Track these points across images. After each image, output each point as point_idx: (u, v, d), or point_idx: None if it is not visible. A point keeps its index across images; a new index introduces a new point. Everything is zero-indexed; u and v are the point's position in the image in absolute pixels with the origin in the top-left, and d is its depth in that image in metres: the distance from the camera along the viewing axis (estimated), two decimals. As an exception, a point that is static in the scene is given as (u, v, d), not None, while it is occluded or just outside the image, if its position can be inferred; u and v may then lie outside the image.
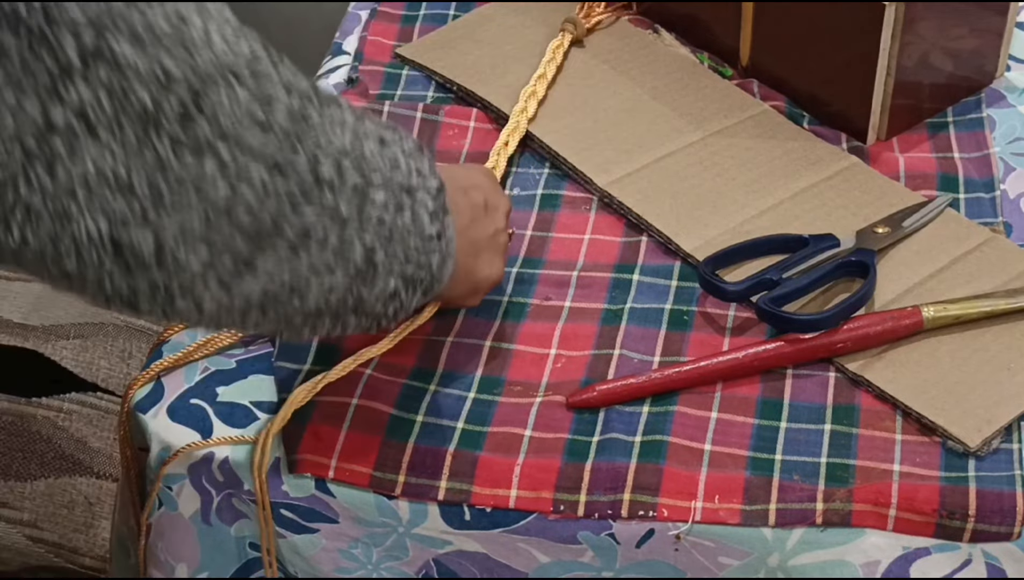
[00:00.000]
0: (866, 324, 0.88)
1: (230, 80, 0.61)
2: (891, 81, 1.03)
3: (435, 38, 1.19)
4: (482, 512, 0.83)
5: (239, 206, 0.62)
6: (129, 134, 0.58)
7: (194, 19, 0.61)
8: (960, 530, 0.79)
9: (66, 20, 0.56)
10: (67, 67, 0.56)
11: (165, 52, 0.59)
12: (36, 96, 0.56)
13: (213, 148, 0.61)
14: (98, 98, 0.57)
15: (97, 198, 0.58)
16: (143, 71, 0.58)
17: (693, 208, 1.00)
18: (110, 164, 0.58)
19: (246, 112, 0.62)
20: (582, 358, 0.90)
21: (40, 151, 0.57)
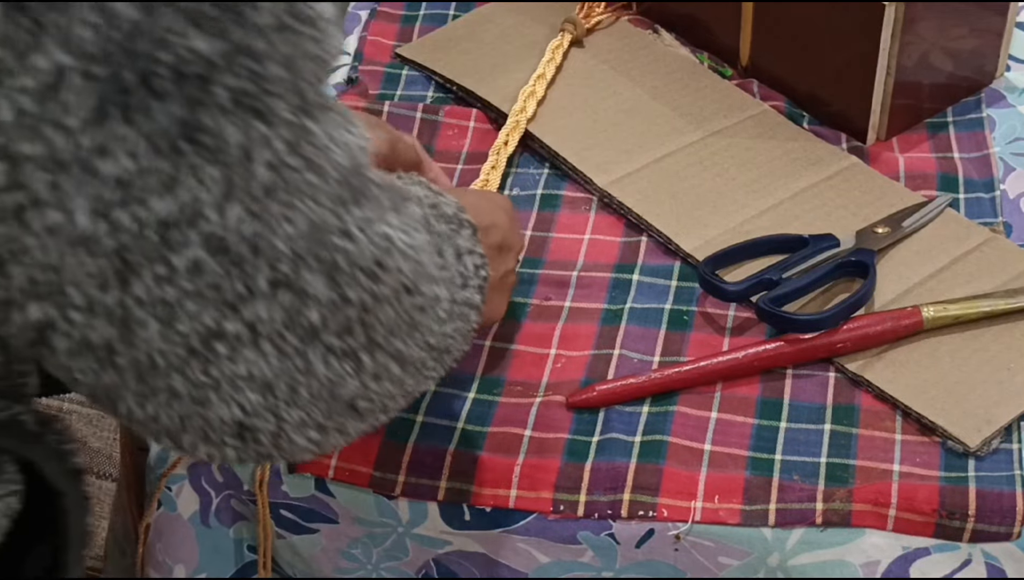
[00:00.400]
0: (866, 324, 0.88)
1: (400, 296, 0.62)
2: (891, 81, 1.03)
3: (435, 38, 1.19)
4: (482, 512, 0.83)
5: (361, 398, 0.64)
6: (289, 345, 0.59)
7: (400, 240, 0.62)
8: (960, 530, 0.79)
9: (268, 252, 0.56)
10: (253, 291, 0.57)
11: (354, 285, 0.60)
12: (216, 309, 0.57)
13: (357, 356, 0.62)
14: (272, 317, 0.58)
15: (239, 393, 0.59)
16: (324, 299, 0.59)
17: (693, 208, 1.00)
18: (261, 367, 0.59)
19: (403, 322, 0.63)
20: (582, 358, 0.90)
21: (203, 350, 0.57)
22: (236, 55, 0.54)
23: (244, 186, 0.55)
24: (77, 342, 0.57)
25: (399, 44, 1.19)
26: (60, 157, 0.52)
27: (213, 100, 0.53)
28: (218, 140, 0.54)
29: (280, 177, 0.56)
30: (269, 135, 0.55)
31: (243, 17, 0.54)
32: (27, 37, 0.51)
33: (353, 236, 0.59)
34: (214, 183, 0.54)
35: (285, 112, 0.56)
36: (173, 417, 0.60)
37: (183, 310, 0.56)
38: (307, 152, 0.57)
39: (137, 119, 0.52)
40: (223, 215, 0.55)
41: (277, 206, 0.56)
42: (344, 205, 0.59)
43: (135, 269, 0.55)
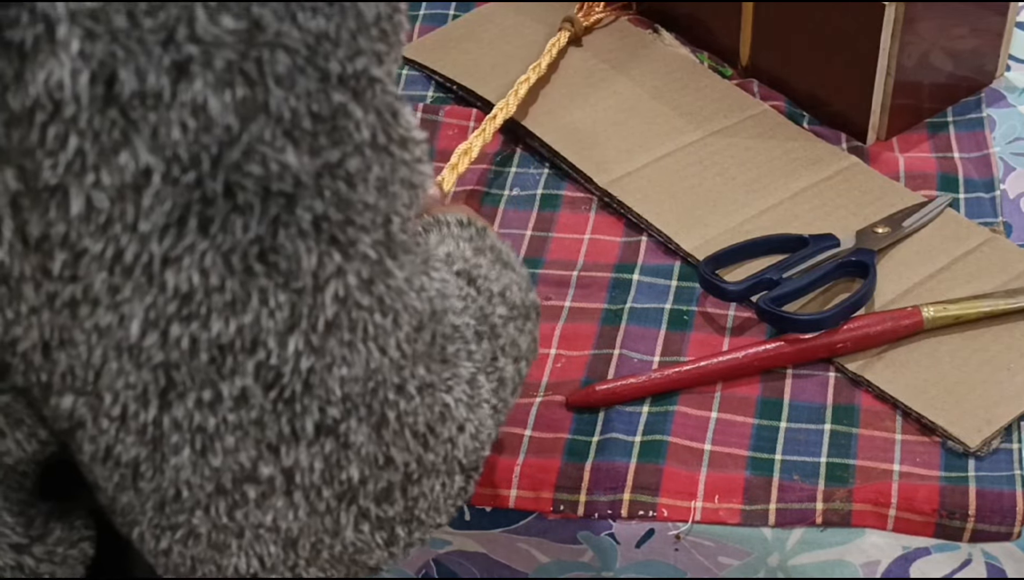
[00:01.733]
0: (866, 324, 0.88)
1: (452, 473, 0.60)
2: (891, 81, 1.03)
3: (435, 38, 1.19)
4: (482, 512, 0.83)
5: (384, 563, 0.61)
6: (323, 501, 0.56)
7: (459, 413, 0.59)
8: (960, 530, 0.79)
9: (320, 392, 0.54)
10: (299, 434, 0.54)
11: (401, 445, 0.57)
12: (255, 448, 0.54)
13: (392, 527, 0.59)
14: (312, 466, 0.55)
15: (260, 544, 0.56)
16: (366, 454, 0.56)
17: (693, 208, 1.00)
18: (288, 520, 0.56)
19: (449, 499, 0.61)
20: (582, 358, 0.90)
21: (232, 491, 0.55)
22: (326, 174, 0.51)
23: (309, 317, 0.52)
24: (103, 451, 0.54)
25: (399, 44, 1.19)
26: (125, 261, 0.49)
27: (295, 221, 0.50)
28: (292, 264, 0.51)
29: (347, 314, 0.53)
30: (344, 267, 0.52)
31: (340, 133, 0.51)
32: (117, 134, 0.48)
33: (409, 394, 0.56)
34: (279, 309, 0.51)
35: (366, 246, 0.53)
36: (186, 557, 0.57)
37: (221, 442, 0.53)
38: (380, 292, 0.54)
39: (215, 232, 0.49)
40: (283, 346, 0.52)
41: (337, 345, 0.53)
42: (411, 361, 0.56)
43: (179, 389, 0.52)
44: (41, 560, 0.60)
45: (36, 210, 0.49)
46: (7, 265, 0.50)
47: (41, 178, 0.48)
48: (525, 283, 0.73)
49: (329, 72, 0.50)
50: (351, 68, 0.50)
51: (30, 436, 0.57)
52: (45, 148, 0.47)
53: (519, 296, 0.71)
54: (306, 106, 0.49)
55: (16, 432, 0.57)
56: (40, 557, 0.60)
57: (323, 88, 0.50)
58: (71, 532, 0.61)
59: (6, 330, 0.52)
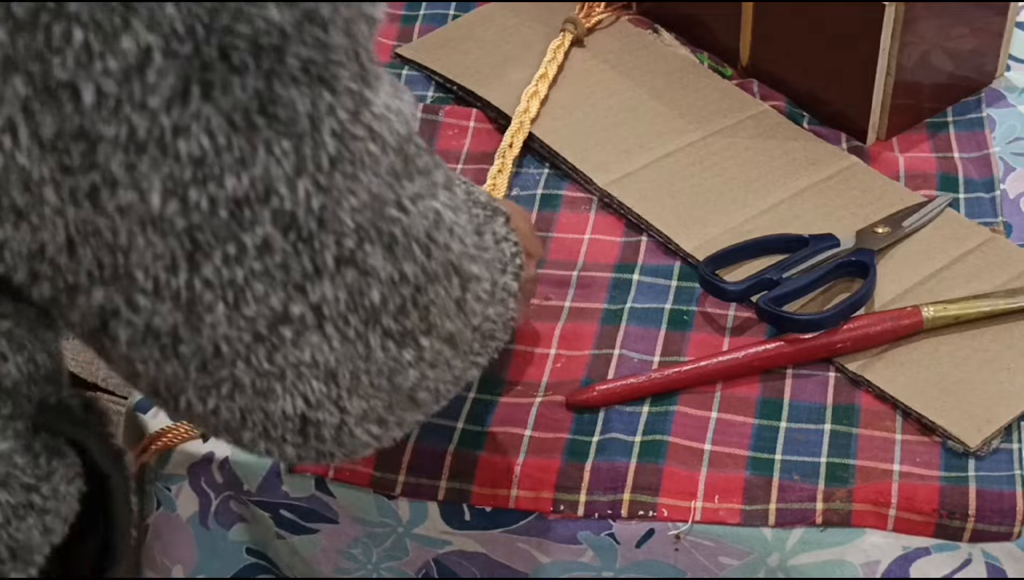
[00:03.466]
0: (866, 324, 0.88)
1: (449, 274, 0.63)
2: (891, 81, 1.03)
3: (435, 38, 1.19)
4: (482, 512, 0.83)
5: (421, 388, 0.64)
6: (351, 328, 0.59)
7: (447, 216, 0.62)
8: (960, 530, 0.79)
9: (334, 226, 0.57)
10: (321, 269, 0.57)
11: (409, 260, 0.60)
12: (284, 290, 0.57)
13: (416, 339, 0.62)
14: (337, 297, 0.58)
15: (303, 382, 0.59)
16: (384, 276, 0.59)
17: (693, 208, 1.00)
18: (325, 353, 0.59)
19: (452, 302, 0.64)
20: (582, 358, 0.90)
21: (269, 335, 0.58)
22: (305, 23, 0.54)
23: (313, 158, 0.55)
24: (141, 330, 0.57)
25: (399, 44, 1.19)
26: (139, 138, 0.52)
27: (286, 70, 0.54)
28: (290, 111, 0.54)
29: (345, 147, 0.56)
30: (334, 104, 0.55)
31: None
32: (118, 20, 0.51)
33: (407, 209, 0.59)
34: (285, 157, 0.54)
35: (347, 80, 0.56)
36: (234, 411, 0.60)
37: (251, 292, 0.56)
38: (368, 120, 0.57)
39: (216, 96, 0.52)
40: (293, 190, 0.55)
41: (342, 178, 0.56)
42: (398, 178, 0.59)
43: (205, 249, 0.55)
44: (47, 498, 0.62)
45: (49, 110, 0.51)
46: (27, 169, 0.52)
47: (52, 77, 0.51)
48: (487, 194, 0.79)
49: None
50: None
51: (29, 361, 0.61)
52: (52, 47, 0.50)
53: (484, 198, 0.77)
54: None
55: (17, 356, 0.60)
56: (47, 495, 0.62)
57: None
58: (68, 469, 0.64)
59: (34, 237, 0.55)
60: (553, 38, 1.15)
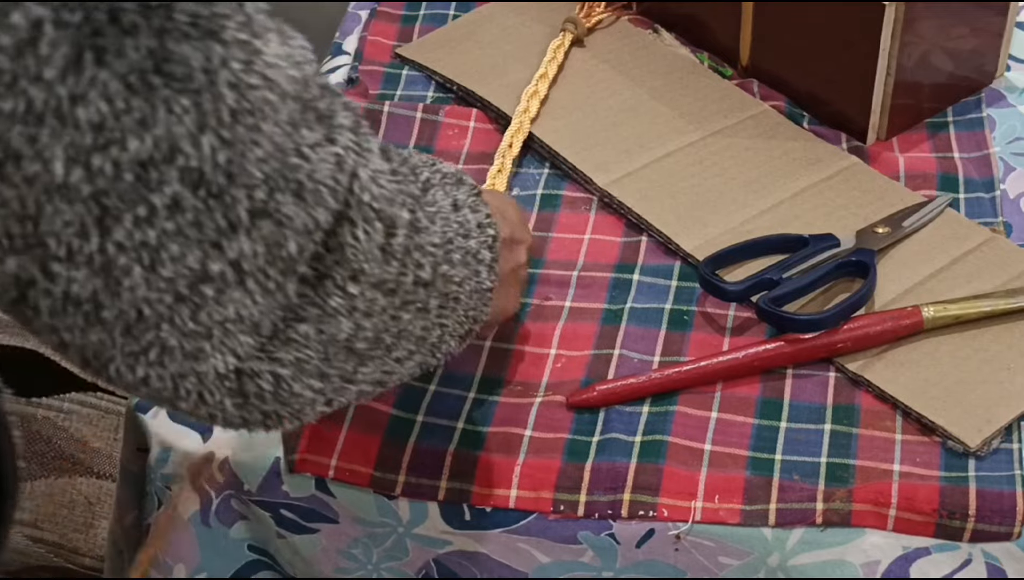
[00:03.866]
0: (866, 324, 0.88)
1: (369, 219, 0.63)
2: (891, 81, 1.03)
3: (435, 38, 1.19)
4: (482, 512, 0.83)
5: (357, 336, 0.64)
6: (271, 280, 0.59)
7: (350, 159, 0.62)
8: (960, 530, 0.79)
9: (244, 179, 0.57)
10: (236, 223, 0.57)
11: (319, 203, 0.60)
12: (199, 248, 0.57)
13: (340, 286, 0.62)
14: (255, 250, 0.58)
15: (231, 338, 0.59)
16: (299, 224, 0.59)
17: (693, 208, 1.00)
18: (249, 307, 0.59)
19: (375, 246, 0.63)
20: (582, 358, 0.90)
21: (190, 295, 0.57)
22: None
23: (214, 112, 0.55)
24: (60, 298, 0.56)
25: (399, 44, 1.19)
26: (36, 109, 0.52)
27: (176, 26, 0.53)
28: (185, 67, 0.54)
29: (244, 97, 0.56)
30: (226, 56, 0.55)
31: None
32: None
33: (307, 155, 0.59)
34: (186, 113, 0.54)
35: (235, 31, 0.56)
36: (165, 378, 0.60)
37: (167, 252, 0.56)
38: (261, 69, 0.57)
39: (110, 60, 0.52)
40: (198, 146, 0.55)
41: (244, 130, 0.56)
42: (296, 125, 0.59)
43: (114, 214, 0.55)
44: None
45: None
46: None
47: None
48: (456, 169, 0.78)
49: None
50: None
51: None
52: None
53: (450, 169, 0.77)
54: None
55: None
56: None
57: None
58: None
59: None
60: (553, 38, 1.15)
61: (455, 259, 0.71)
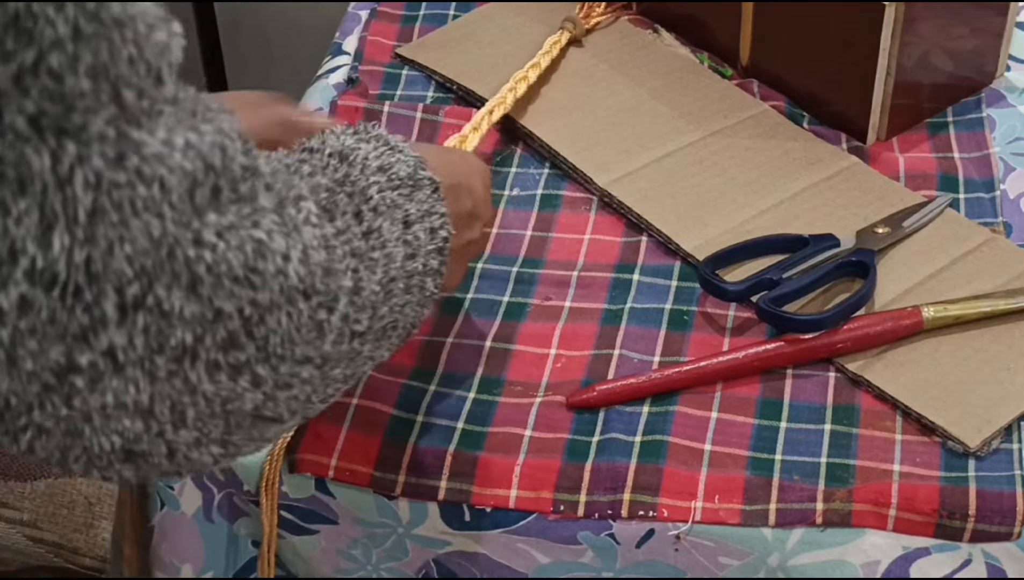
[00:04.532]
0: (866, 324, 0.88)
1: (295, 301, 0.58)
2: (891, 81, 1.03)
3: (435, 38, 1.19)
4: (482, 512, 0.83)
5: (267, 408, 0.60)
6: (160, 368, 0.55)
7: (277, 243, 0.57)
8: (960, 530, 0.79)
9: (111, 275, 0.52)
10: (101, 319, 0.53)
11: (225, 295, 0.55)
12: (62, 343, 0.53)
13: (252, 370, 0.58)
14: (132, 342, 0.54)
15: (113, 421, 0.56)
16: (190, 315, 0.54)
17: (693, 208, 1.00)
18: (132, 395, 0.55)
19: (305, 326, 0.59)
20: (582, 358, 0.90)
21: (59, 386, 0.54)
22: (27, 76, 0.49)
23: (64, 212, 0.51)
24: None
25: (399, 44, 1.19)
26: None
27: (8, 128, 0.49)
28: (21, 169, 0.50)
29: (107, 197, 0.51)
30: (85, 153, 0.51)
31: (30, 34, 0.49)
32: None
33: (210, 244, 0.54)
34: (26, 215, 0.50)
35: (100, 126, 0.51)
36: (50, 449, 0.56)
37: (24, 349, 0.52)
38: (135, 164, 0.52)
39: None
40: (46, 246, 0.51)
41: (108, 228, 0.52)
42: (197, 213, 0.54)
43: None
44: None
45: None
46: None
47: None
48: (415, 162, 0.73)
49: None
50: None
51: None
52: None
53: (406, 171, 0.71)
54: None
55: None
56: None
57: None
58: None
59: None
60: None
61: (396, 291, 0.67)
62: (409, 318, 0.71)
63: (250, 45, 1.99)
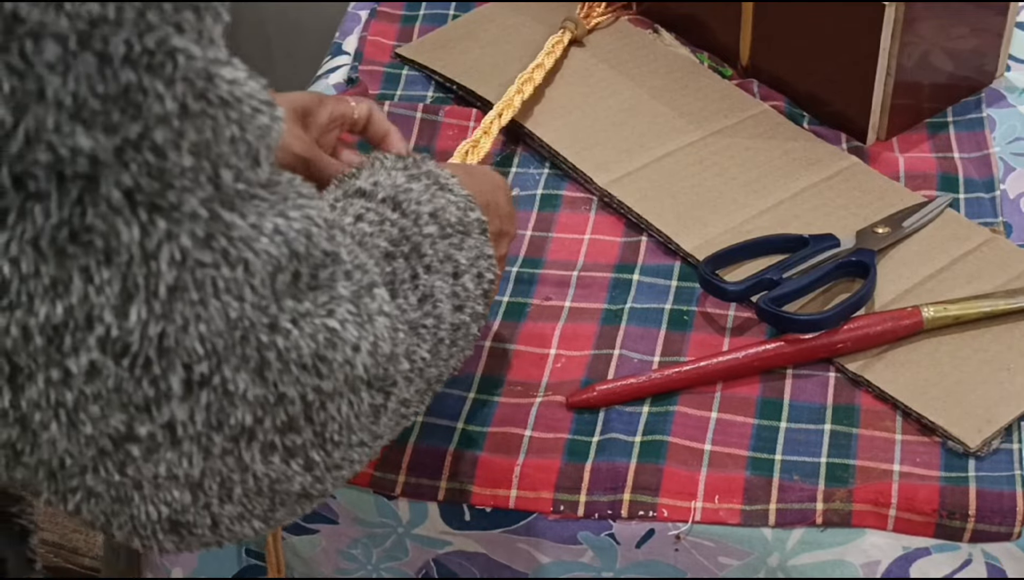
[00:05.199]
0: (866, 324, 0.88)
1: (357, 390, 0.59)
2: (891, 81, 1.03)
3: (435, 38, 1.19)
4: (482, 512, 0.83)
5: (315, 488, 0.60)
6: (216, 445, 0.55)
7: (349, 333, 0.57)
8: (960, 530, 0.79)
9: (179, 353, 0.53)
10: (166, 393, 0.53)
11: (290, 381, 0.55)
12: (124, 412, 0.53)
13: (306, 454, 0.58)
14: (192, 418, 0.54)
15: (162, 491, 0.56)
16: (252, 397, 0.55)
17: (693, 208, 1.00)
18: (185, 468, 0.55)
19: (364, 414, 0.60)
20: (582, 358, 0.90)
21: (115, 452, 0.54)
22: (129, 150, 0.50)
23: (146, 286, 0.51)
24: None
25: (399, 44, 1.19)
26: None
27: (102, 199, 0.50)
28: (109, 240, 0.50)
29: (190, 275, 0.52)
30: (174, 231, 0.51)
31: (137, 109, 0.50)
32: None
33: (284, 330, 0.55)
34: (108, 285, 0.51)
35: (194, 206, 0.52)
36: (96, 513, 0.57)
37: (86, 414, 0.53)
38: (223, 245, 0.53)
39: (12, 223, 0.49)
40: (123, 317, 0.51)
41: (186, 306, 0.52)
42: (276, 299, 0.54)
43: (26, 372, 0.52)
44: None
45: None
46: None
47: None
48: (465, 203, 0.73)
49: (110, 54, 0.49)
50: (140, 46, 0.49)
51: None
52: None
53: (456, 215, 0.71)
54: (88, 88, 0.49)
55: None
56: None
57: (105, 69, 0.49)
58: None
59: None
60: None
61: (443, 350, 0.67)
62: (452, 366, 0.71)
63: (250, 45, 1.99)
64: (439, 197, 0.71)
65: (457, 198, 0.73)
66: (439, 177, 0.73)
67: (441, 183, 0.73)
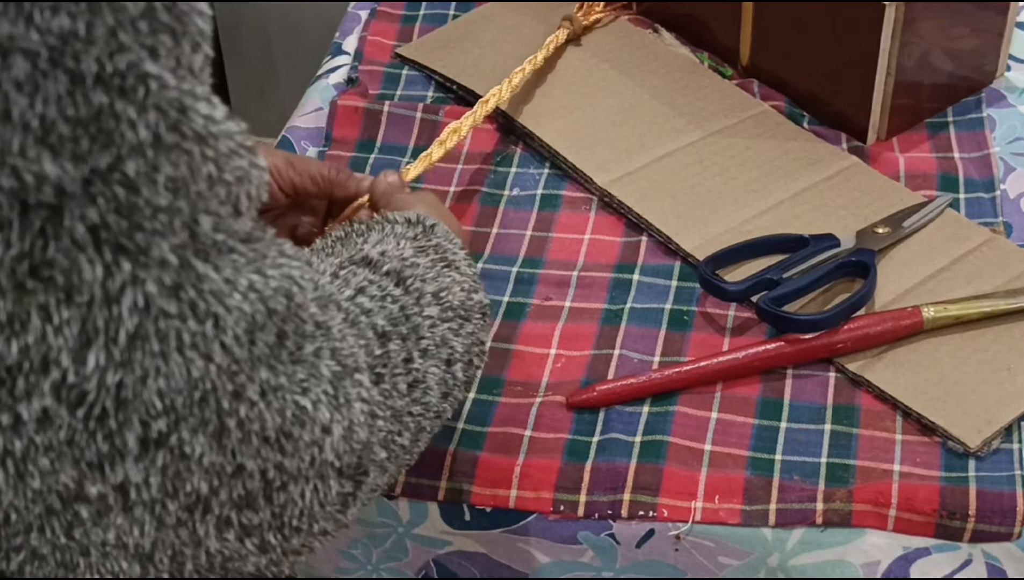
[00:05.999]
0: (866, 324, 0.88)
1: (325, 476, 0.56)
2: (891, 81, 1.03)
3: (435, 38, 1.19)
4: (482, 512, 0.83)
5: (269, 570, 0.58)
6: (170, 514, 0.53)
7: (321, 414, 0.55)
8: (960, 530, 0.79)
9: (137, 406, 0.50)
10: (121, 450, 0.51)
11: (249, 452, 0.53)
12: (75, 468, 0.51)
13: (263, 534, 0.56)
14: (147, 481, 0.51)
15: (110, 561, 0.54)
16: (209, 464, 0.52)
17: (693, 207, 1.00)
18: (135, 537, 0.53)
19: (330, 503, 0.57)
20: (582, 358, 0.90)
21: (63, 511, 0.52)
22: (98, 182, 0.47)
23: (106, 330, 0.48)
24: None
25: (399, 44, 1.19)
26: None
27: (65, 232, 0.47)
28: (71, 277, 0.47)
29: (152, 325, 0.49)
30: (140, 276, 0.48)
31: (108, 136, 0.47)
32: None
33: (248, 400, 0.52)
34: (67, 326, 0.48)
35: (163, 251, 0.49)
36: (39, 576, 0.54)
37: (35, 466, 0.50)
38: (191, 297, 0.50)
39: None
40: (80, 362, 0.49)
41: (146, 357, 0.50)
42: (251, 364, 0.52)
43: None
44: None
45: None
46: None
47: None
48: (469, 284, 0.71)
49: (82, 73, 0.46)
50: (111, 66, 0.47)
51: None
52: None
53: (459, 297, 0.69)
54: (58, 111, 0.46)
55: None
56: None
57: (76, 90, 0.46)
58: None
59: None
60: (552, 37, 1.15)
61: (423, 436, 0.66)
62: (418, 452, 0.69)
63: (250, 45, 1.99)
64: (444, 276, 0.69)
65: (462, 278, 0.71)
66: (447, 253, 0.71)
67: (448, 260, 0.71)
